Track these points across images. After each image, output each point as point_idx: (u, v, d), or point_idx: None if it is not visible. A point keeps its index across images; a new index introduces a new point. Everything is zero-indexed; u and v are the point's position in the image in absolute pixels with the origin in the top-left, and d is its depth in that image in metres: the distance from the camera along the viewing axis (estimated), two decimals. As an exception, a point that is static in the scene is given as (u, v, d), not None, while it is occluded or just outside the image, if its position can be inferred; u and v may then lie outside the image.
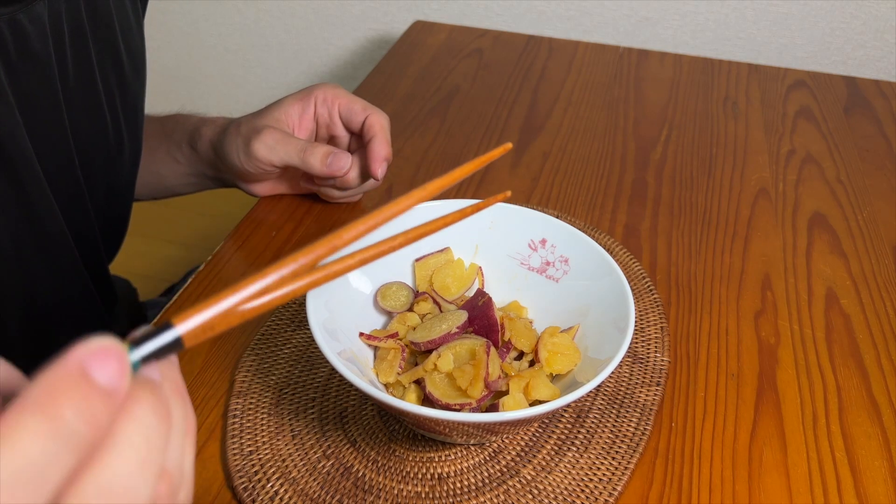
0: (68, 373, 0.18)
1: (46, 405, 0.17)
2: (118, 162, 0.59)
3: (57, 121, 0.49)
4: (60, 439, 0.17)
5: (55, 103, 0.49)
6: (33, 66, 0.46)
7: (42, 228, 0.49)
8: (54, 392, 0.17)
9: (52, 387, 0.17)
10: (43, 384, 0.17)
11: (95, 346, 0.18)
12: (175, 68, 1.54)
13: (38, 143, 0.47)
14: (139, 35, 0.59)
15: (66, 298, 0.55)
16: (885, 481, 0.44)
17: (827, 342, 0.53)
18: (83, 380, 0.18)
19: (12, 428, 0.16)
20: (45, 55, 0.47)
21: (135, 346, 0.20)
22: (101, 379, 0.18)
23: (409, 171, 0.71)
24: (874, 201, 0.70)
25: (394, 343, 0.44)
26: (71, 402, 0.17)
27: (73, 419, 0.17)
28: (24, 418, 0.17)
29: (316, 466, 0.42)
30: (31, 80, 0.46)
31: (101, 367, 0.18)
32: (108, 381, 0.18)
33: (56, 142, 0.50)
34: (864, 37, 1.12)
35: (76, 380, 0.18)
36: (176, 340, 0.21)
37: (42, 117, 0.48)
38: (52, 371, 0.18)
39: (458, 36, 1.02)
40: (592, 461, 0.43)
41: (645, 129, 0.81)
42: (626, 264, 0.59)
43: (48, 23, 0.46)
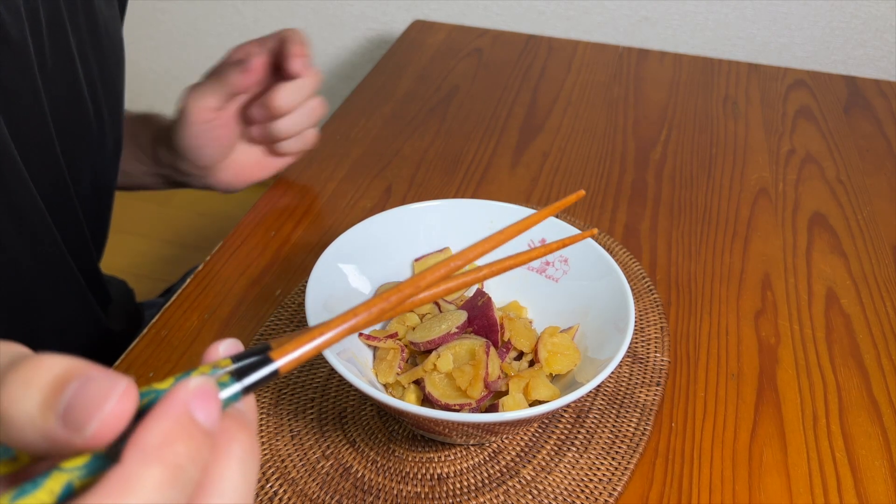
0: (177, 416, 0.19)
1: (165, 454, 0.18)
2: (101, 152, 0.59)
3: (37, 110, 0.49)
4: (179, 486, 0.18)
5: (34, 91, 0.48)
6: (10, 53, 0.45)
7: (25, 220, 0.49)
8: (170, 440, 0.18)
9: (168, 433, 0.18)
10: (158, 431, 0.18)
11: (196, 387, 0.20)
12: (174, 68, 1.54)
13: (17, 132, 0.47)
14: (118, 24, 0.59)
15: (55, 293, 0.54)
16: (885, 481, 0.44)
17: (827, 342, 0.53)
18: (191, 423, 0.19)
19: (135, 478, 0.17)
20: (22, 42, 0.46)
21: (234, 375, 0.22)
22: (203, 421, 0.19)
23: (408, 170, 0.71)
24: (874, 201, 0.70)
25: (393, 343, 0.44)
26: (186, 450, 0.18)
27: (189, 466, 0.18)
28: (145, 468, 0.18)
29: (315, 467, 0.42)
30: (9, 67, 0.46)
31: (203, 409, 0.19)
32: (209, 422, 0.20)
33: (35, 131, 0.49)
34: (863, 36, 1.12)
35: (186, 424, 0.19)
36: (274, 372, 0.22)
37: (21, 105, 0.47)
38: (163, 415, 0.19)
39: (457, 35, 1.02)
40: (592, 461, 0.43)
41: (645, 128, 0.81)
42: (626, 264, 0.58)
43: (24, 10, 0.46)
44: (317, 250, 0.59)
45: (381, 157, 0.73)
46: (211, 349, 0.22)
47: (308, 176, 0.69)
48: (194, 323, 0.53)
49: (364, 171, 0.70)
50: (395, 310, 0.28)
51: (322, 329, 0.24)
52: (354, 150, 0.74)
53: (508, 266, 0.34)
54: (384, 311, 0.26)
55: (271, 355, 0.23)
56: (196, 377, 0.20)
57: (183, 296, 0.55)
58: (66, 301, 0.56)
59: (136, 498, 0.17)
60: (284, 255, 0.59)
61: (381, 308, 0.26)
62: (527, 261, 0.35)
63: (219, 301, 0.55)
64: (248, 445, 0.21)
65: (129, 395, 0.18)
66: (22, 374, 0.18)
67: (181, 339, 0.51)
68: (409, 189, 0.68)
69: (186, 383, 0.20)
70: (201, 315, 0.53)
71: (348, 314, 0.25)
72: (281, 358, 0.23)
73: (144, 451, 0.18)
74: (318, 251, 0.55)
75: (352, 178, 0.69)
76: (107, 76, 0.57)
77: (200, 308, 0.54)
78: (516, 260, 0.35)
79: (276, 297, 0.55)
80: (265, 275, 0.57)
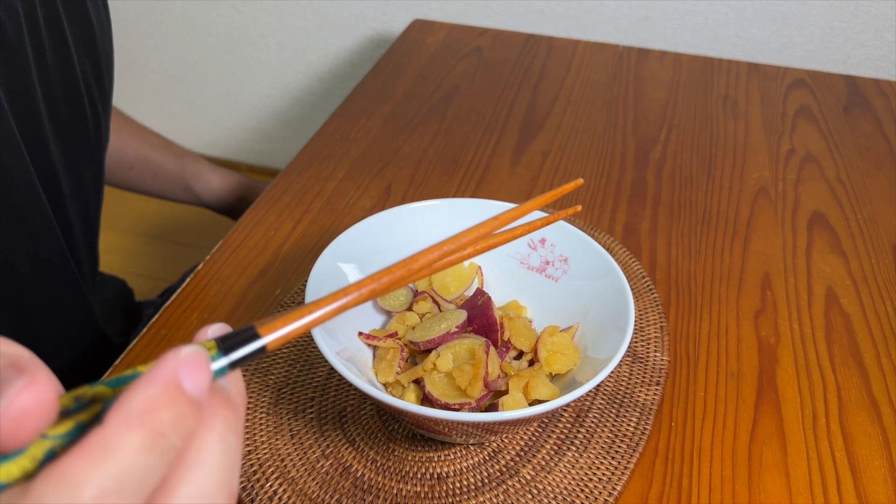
0: (165, 383, 0.19)
1: (147, 419, 0.18)
2: (98, 151, 0.59)
3: (34, 111, 0.49)
4: (159, 451, 0.18)
5: (31, 92, 0.48)
6: (8, 55, 0.46)
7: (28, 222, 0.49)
8: (154, 406, 0.18)
9: (152, 399, 0.18)
10: (142, 396, 0.18)
11: (186, 355, 0.19)
12: (174, 68, 1.54)
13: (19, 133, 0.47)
14: (108, 21, 0.59)
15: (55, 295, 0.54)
16: (885, 481, 0.44)
17: (827, 342, 0.53)
18: (178, 391, 0.19)
19: (115, 441, 0.17)
20: (20, 45, 0.46)
21: (222, 350, 0.21)
22: (191, 389, 0.19)
23: (408, 170, 0.71)
24: (874, 200, 0.70)
25: (393, 342, 0.44)
26: (169, 416, 0.18)
27: (171, 433, 0.18)
28: (126, 432, 0.18)
29: (315, 466, 0.42)
30: (7, 69, 0.46)
31: (192, 377, 0.19)
32: (197, 391, 0.19)
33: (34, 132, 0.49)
34: (863, 35, 1.12)
35: (172, 392, 0.19)
36: (261, 348, 0.22)
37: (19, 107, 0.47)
38: (150, 382, 0.19)
39: (457, 35, 1.02)
40: (592, 461, 0.43)
41: (644, 128, 0.81)
42: (626, 264, 0.58)
43: (21, 10, 0.46)
44: (317, 250, 0.59)
45: (381, 157, 0.73)
46: (200, 332, 0.22)
47: (308, 175, 0.69)
48: (194, 322, 0.53)
49: (364, 170, 0.70)
50: (385, 290, 0.27)
51: (311, 307, 0.24)
52: (354, 150, 0.74)
53: (493, 244, 0.33)
54: (374, 292, 0.26)
55: (259, 331, 0.22)
56: (189, 345, 0.20)
57: (182, 295, 0.55)
58: (66, 301, 0.56)
59: (115, 461, 0.17)
60: (284, 255, 0.59)
61: (371, 288, 0.26)
62: (511, 238, 0.35)
63: (218, 300, 0.54)
64: (230, 422, 0.20)
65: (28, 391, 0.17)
66: None
67: (181, 338, 0.51)
68: (409, 188, 0.68)
69: (178, 351, 0.19)
70: (201, 315, 0.53)
71: (339, 293, 0.25)
72: (269, 334, 0.22)
73: (127, 415, 0.18)
74: (318, 251, 0.55)
75: (352, 177, 0.69)
76: (99, 74, 0.57)
77: (200, 308, 0.54)
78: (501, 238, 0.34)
79: (275, 296, 0.55)
80: (265, 274, 0.57)
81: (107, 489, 0.17)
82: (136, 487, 0.17)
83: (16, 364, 0.18)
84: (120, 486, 0.17)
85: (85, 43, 0.55)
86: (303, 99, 1.51)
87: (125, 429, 0.18)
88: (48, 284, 0.53)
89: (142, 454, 0.18)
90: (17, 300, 0.50)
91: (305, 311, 0.24)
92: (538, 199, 0.36)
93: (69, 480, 0.17)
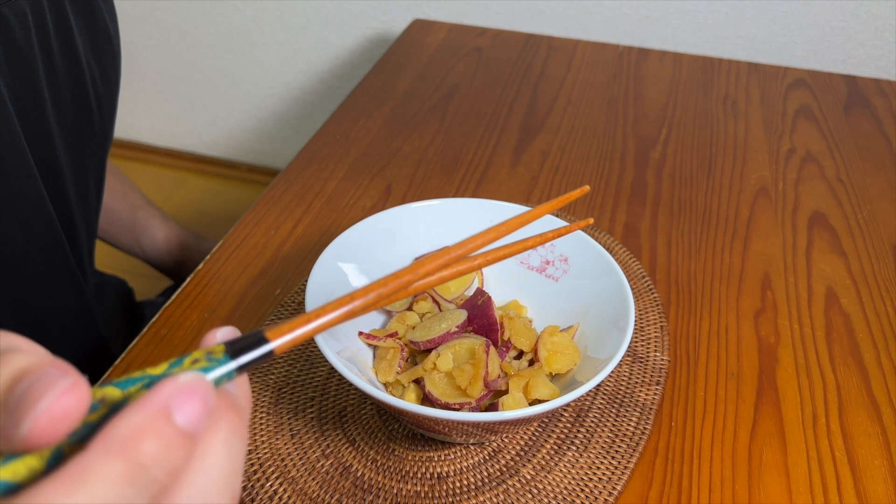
0: (153, 412, 0.18)
1: (128, 450, 0.17)
2: (102, 152, 0.59)
3: (40, 112, 0.49)
4: (137, 485, 0.17)
5: (39, 94, 0.49)
6: (17, 58, 0.46)
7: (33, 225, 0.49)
8: (137, 435, 0.17)
9: (136, 429, 0.17)
10: (127, 424, 0.17)
11: (182, 383, 0.18)
12: (174, 67, 1.54)
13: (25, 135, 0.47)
14: (115, 22, 0.59)
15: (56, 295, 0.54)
16: (885, 480, 0.44)
17: (827, 341, 0.53)
18: (166, 422, 0.18)
19: (93, 469, 0.17)
20: (29, 48, 0.46)
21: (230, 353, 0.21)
22: (183, 422, 0.18)
23: (408, 169, 0.71)
24: (874, 200, 0.70)
25: (393, 342, 0.44)
26: (151, 448, 0.17)
27: (153, 466, 0.17)
28: (105, 461, 0.17)
29: (315, 466, 0.42)
30: (15, 72, 0.46)
31: (186, 408, 0.18)
32: (191, 424, 0.18)
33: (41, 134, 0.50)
34: (863, 35, 1.12)
35: (159, 422, 0.18)
36: (269, 352, 0.22)
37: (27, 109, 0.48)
38: (138, 409, 0.18)
39: (457, 34, 1.02)
40: (592, 460, 0.43)
41: (644, 127, 0.81)
42: (626, 263, 0.58)
43: (30, 13, 0.46)
44: (317, 250, 0.59)
45: (381, 157, 0.73)
46: (208, 336, 0.22)
47: (308, 175, 0.69)
48: (194, 322, 0.53)
49: (364, 170, 0.70)
50: (392, 296, 0.27)
51: (319, 312, 0.24)
52: (354, 150, 0.74)
53: (504, 255, 0.34)
54: (382, 297, 0.26)
55: (267, 336, 0.22)
56: (189, 372, 0.19)
57: (183, 295, 0.55)
58: (68, 302, 0.56)
59: (89, 491, 0.16)
60: (284, 255, 0.59)
61: (378, 293, 0.26)
62: (522, 249, 0.35)
63: (218, 300, 0.55)
64: (236, 426, 0.20)
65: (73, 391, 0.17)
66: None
67: (181, 338, 0.51)
68: (409, 188, 0.68)
69: (175, 378, 0.19)
70: (201, 314, 0.53)
71: (345, 298, 0.25)
72: (277, 339, 0.22)
73: (109, 442, 0.17)
74: (318, 250, 0.55)
75: (352, 177, 0.69)
76: (106, 75, 0.57)
77: (200, 307, 0.54)
78: (512, 249, 0.34)
79: (275, 296, 0.55)
80: (265, 274, 0.57)
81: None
82: None
83: (57, 364, 0.18)
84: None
85: (93, 44, 0.55)
86: (303, 99, 1.51)
87: (104, 457, 0.17)
88: (51, 285, 0.53)
89: (118, 485, 0.17)
90: (19, 301, 0.50)
91: (313, 316, 0.24)
92: (545, 206, 0.36)
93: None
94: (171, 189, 1.67)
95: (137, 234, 0.80)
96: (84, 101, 0.54)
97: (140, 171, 1.71)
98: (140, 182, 1.66)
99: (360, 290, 0.26)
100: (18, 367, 0.18)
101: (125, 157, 1.72)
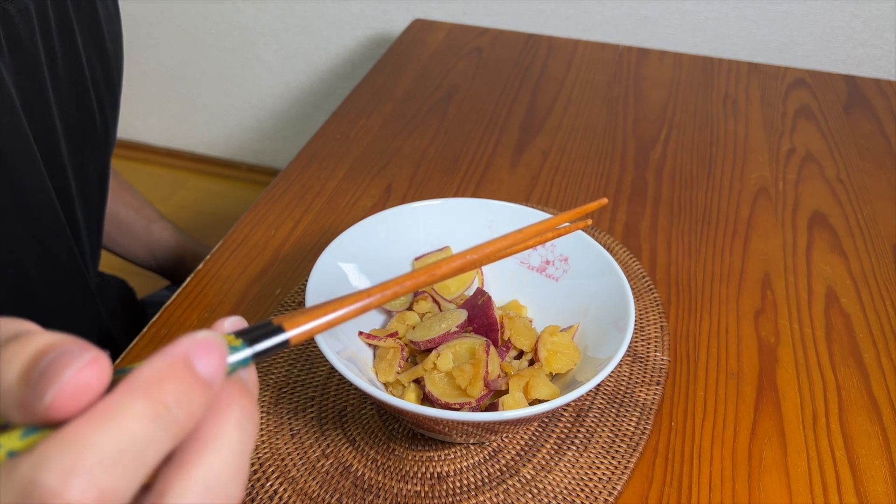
0: (174, 361, 0.19)
1: (152, 390, 0.18)
2: (104, 152, 0.59)
3: (46, 112, 0.49)
4: (161, 423, 0.18)
5: (43, 92, 0.49)
6: (21, 55, 0.46)
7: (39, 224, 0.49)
8: (160, 378, 0.18)
9: (159, 372, 0.18)
10: (150, 369, 0.18)
11: (201, 338, 0.20)
12: (174, 67, 1.54)
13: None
14: (118, 23, 0.59)
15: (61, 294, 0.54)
16: (885, 480, 0.44)
17: (827, 341, 0.53)
18: (187, 369, 0.19)
19: (120, 407, 0.18)
20: (33, 45, 0.47)
21: (246, 342, 0.22)
22: (202, 370, 0.19)
23: (408, 169, 0.71)
24: (874, 200, 0.70)
25: (393, 342, 0.44)
26: (174, 390, 0.18)
27: (175, 406, 0.18)
28: (131, 400, 0.18)
29: (315, 465, 0.42)
30: (20, 69, 0.46)
31: (205, 359, 0.19)
32: (209, 373, 0.19)
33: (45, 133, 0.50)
34: (864, 35, 1.12)
35: (181, 368, 0.19)
36: (285, 342, 0.22)
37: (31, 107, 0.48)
38: (160, 357, 0.19)
39: (457, 34, 1.02)
40: (592, 460, 0.43)
41: (644, 127, 0.81)
42: (626, 263, 0.58)
43: (35, 14, 0.46)
44: (317, 249, 0.59)
45: (382, 156, 0.73)
46: (216, 325, 0.23)
47: (308, 175, 0.69)
48: (194, 322, 0.53)
49: (364, 170, 0.70)
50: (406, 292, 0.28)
51: (336, 305, 0.24)
52: (354, 149, 0.74)
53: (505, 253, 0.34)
54: (398, 294, 0.27)
55: (284, 326, 0.23)
56: (206, 330, 0.20)
57: (183, 295, 0.55)
58: (75, 301, 0.56)
59: (117, 426, 0.17)
60: (284, 255, 0.59)
61: (394, 291, 0.27)
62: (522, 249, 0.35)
63: (219, 300, 0.55)
64: (249, 411, 0.21)
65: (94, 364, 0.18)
66: (13, 347, 0.19)
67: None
68: (410, 188, 0.68)
69: (193, 334, 0.20)
70: (201, 314, 0.53)
71: (362, 293, 0.25)
72: (293, 329, 0.23)
73: (133, 384, 0.18)
74: (318, 250, 0.55)
75: (352, 177, 0.69)
76: (108, 75, 0.57)
77: (200, 307, 0.54)
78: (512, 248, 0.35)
79: (276, 296, 0.55)
80: (265, 274, 0.57)
81: (107, 454, 0.17)
82: (135, 456, 0.17)
83: (78, 341, 0.19)
84: (119, 454, 0.17)
85: (94, 44, 0.55)
86: (303, 98, 1.51)
87: (130, 396, 0.18)
88: (57, 284, 0.53)
89: (143, 422, 0.18)
90: (27, 299, 0.51)
91: (330, 309, 0.24)
92: (563, 216, 0.36)
93: (73, 443, 0.17)
94: (171, 189, 1.67)
95: (153, 247, 0.80)
96: (84, 100, 0.54)
97: (140, 171, 1.71)
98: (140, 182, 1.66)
99: (378, 286, 0.26)
100: (41, 343, 0.19)
101: (125, 157, 1.72)
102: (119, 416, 0.17)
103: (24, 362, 0.18)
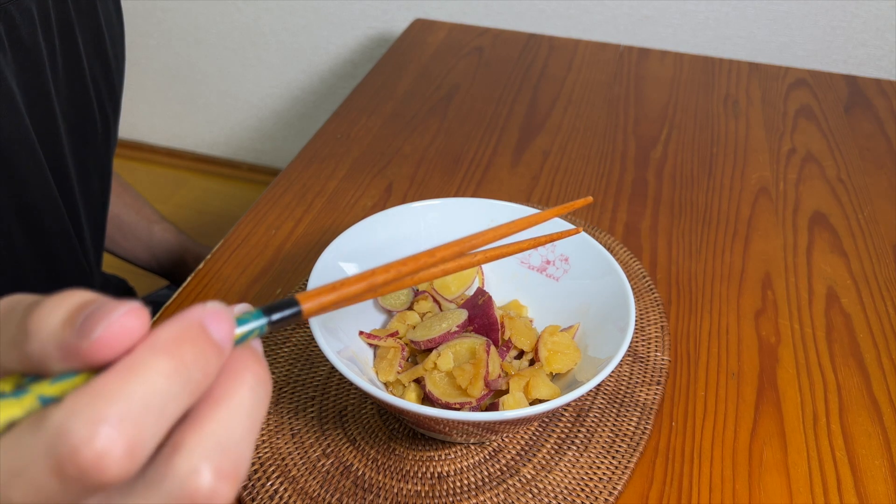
0: (190, 325, 0.20)
1: (172, 348, 0.19)
2: (105, 152, 0.59)
3: (48, 111, 0.49)
4: (181, 380, 0.19)
5: (45, 92, 0.49)
6: (24, 56, 0.46)
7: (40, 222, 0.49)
8: (179, 339, 0.19)
9: (177, 334, 0.20)
10: (169, 330, 0.20)
11: (211, 307, 0.21)
12: (175, 67, 1.54)
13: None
14: (120, 24, 0.59)
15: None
16: (886, 480, 0.44)
17: (827, 341, 0.53)
18: (202, 332, 0.20)
19: (144, 363, 0.19)
20: (35, 45, 0.47)
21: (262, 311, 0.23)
22: (215, 334, 0.20)
23: (408, 169, 0.71)
24: (875, 200, 0.70)
25: (393, 342, 0.44)
26: (191, 350, 0.19)
27: (192, 364, 0.19)
28: (153, 357, 0.19)
29: (315, 465, 0.42)
30: (23, 69, 0.46)
31: (216, 325, 0.20)
32: (220, 337, 0.20)
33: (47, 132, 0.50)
34: (864, 35, 1.12)
35: (197, 331, 0.20)
36: (298, 312, 0.24)
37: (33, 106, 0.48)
38: (176, 321, 0.20)
39: (457, 34, 1.02)
40: (592, 460, 0.43)
41: (645, 127, 0.81)
42: (627, 263, 0.58)
43: (37, 14, 0.46)
44: (317, 249, 0.59)
45: (382, 156, 0.73)
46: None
47: (308, 175, 0.69)
48: (195, 321, 0.53)
49: (364, 169, 0.70)
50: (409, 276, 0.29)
51: (344, 282, 0.26)
52: (355, 149, 0.74)
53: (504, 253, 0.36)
54: (401, 274, 0.28)
55: (297, 297, 0.24)
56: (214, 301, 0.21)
57: (183, 294, 0.55)
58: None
59: (143, 379, 0.18)
60: (284, 254, 0.59)
61: (398, 270, 0.28)
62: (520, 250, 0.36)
63: (219, 300, 0.54)
64: (262, 377, 0.22)
65: (138, 312, 0.19)
66: (56, 299, 0.20)
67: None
68: (410, 188, 0.68)
69: (204, 304, 0.21)
70: (202, 313, 0.53)
71: (366, 274, 0.27)
72: (306, 302, 0.24)
73: (154, 343, 0.19)
74: (319, 250, 0.55)
75: (352, 176, 0.69)
76: (109, 76, 0.57)
77: (201, 306, 0.54)
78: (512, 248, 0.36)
79: (276, 295, 0.55)
80: (266, 273, 0.57)
81: (134, 405, 0.18)
82: (159, 409, 0.18)
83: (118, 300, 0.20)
84: (144, 406, 0.18)
85: (94, 46, 0.55)
86: (304, 98, 1.51)
87: (151, 354, 0.19)
88: (60, 284, 0.53)
89: (166, 377, 0.19)
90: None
91: (339, 286, 0.26)
92: (549, 212, 0.37)
93: (102, 394, 0.18)
94: (172, 189, 1.67)
95: (154, 248, 0.81)
96: (85, 102, 0.54)
97: (141, 170, 1.71)
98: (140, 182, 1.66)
99: (381, 267, 0.27)
100: (86, 295, 0.20)
101: (126, 157, 1.72)
102: (144, 370, 0.18)
103: (70, 309, 0.19)
